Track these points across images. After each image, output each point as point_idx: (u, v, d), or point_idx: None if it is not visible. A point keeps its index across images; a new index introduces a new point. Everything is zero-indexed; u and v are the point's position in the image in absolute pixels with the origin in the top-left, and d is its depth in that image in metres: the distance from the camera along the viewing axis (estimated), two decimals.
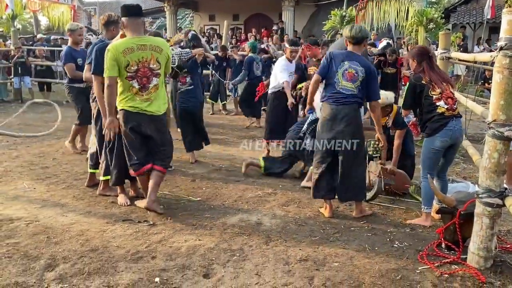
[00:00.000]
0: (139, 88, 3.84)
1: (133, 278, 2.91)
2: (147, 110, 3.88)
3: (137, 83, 3.83)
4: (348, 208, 4.36)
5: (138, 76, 3.81)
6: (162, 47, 3.89)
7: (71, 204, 4.31)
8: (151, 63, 3.83)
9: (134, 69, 3.78)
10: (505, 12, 2.82)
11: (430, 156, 3.82)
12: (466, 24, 18.75)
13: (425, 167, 3.89)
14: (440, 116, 3.72)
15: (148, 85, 3.86)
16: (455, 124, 3.73)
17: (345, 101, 3.96)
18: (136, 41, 3.78)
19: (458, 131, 3.77)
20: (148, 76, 3.84)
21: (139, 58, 3.78)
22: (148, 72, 3.83)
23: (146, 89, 3.86)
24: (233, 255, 3.28)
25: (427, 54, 3.86)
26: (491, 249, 3.10)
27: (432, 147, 3.78)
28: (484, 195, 3.03)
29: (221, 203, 4.45)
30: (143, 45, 3.80)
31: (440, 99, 3.73)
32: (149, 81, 3.85)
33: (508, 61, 2.83)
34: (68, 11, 14.67)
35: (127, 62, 3.74)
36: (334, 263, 3.20)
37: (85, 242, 3.44)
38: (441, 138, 3.72)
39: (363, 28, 4.11)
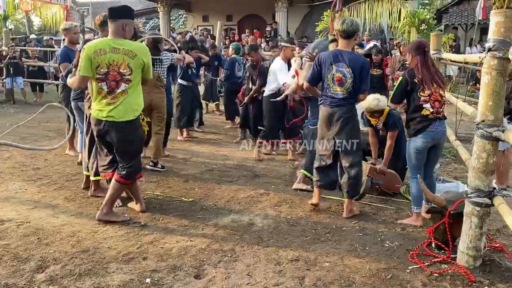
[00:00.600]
0: (107, 92, 3.69)
1: (124, 279, 2.91)
2: (108, 115, 3.69)
3: (106, 86, 3.68)
4: (340, 208, 4.38)
5: (108, 79, 3.67)
6: (137, 53, 3.69)
7: (62, 205, 4.29)
8: (121, 68, 3.66)
9: (103, 71, 3.65)
10: (493, 13, 2.85)
11: (414, 156, 3.86)
12: (458, 25, 18.85)
13: (412, 167, 3.93)
14: (423, 118, 3.75)
15: (116, 90, 3.68)
16: (438, 125, 3.76)
17: (338, 103, 4.04)
18: (110, 43, 3.66)
19: (440, 133, 3.79)
20: (117, 80, 3.67)
21: (110, 61, 3.64)
22: (117, 77, 3.67)
23: (113, 93, 3.69)
24: (224, 256, 3.28)
25: (423, 49, 3.81)
26: (480, 248, 3.13)
27: (414, 147, 3.82)
28: (473, 194, 3.06)
29: (213, 203, 4.45)
30: (116, 48, 3.65)
31: (427, 101, 3.74)
32: (117, 86, 3.68)
33: (496, 62, 2.86)
34: (61, 11, 14.63)
35: (97, 64, 3.63)
36: (325, 263, 3.21)
37: (76, 243, 3.43)
38: (423, 139, 3.76)
39: (355, 22, 4.06)
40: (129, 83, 3.71)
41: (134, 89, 3.76)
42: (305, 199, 4.58)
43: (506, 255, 3.36)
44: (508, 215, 2.73)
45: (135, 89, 3.77)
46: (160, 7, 20.12)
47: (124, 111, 3.71)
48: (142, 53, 3.74)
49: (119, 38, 3.69)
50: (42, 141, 7.23)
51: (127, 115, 3.73)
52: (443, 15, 20.02)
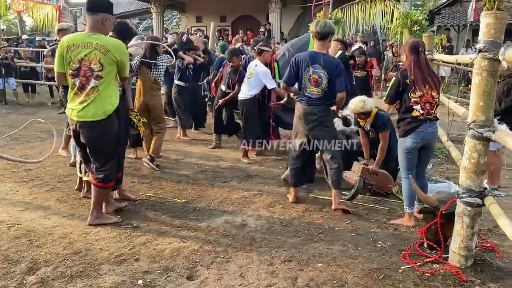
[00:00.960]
0: (78, 88, 3.59)
1: (116, 280, 2.90)
2: (79, 115, 3.59)
3: (78, 82, 3.57)
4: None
5: (80, 75, 3.56)
6: (110, 48, 3.55)
7: (54, 206, 4.27)
8: (92, 63, 3.52)
9: (75, 67, 3.54)
10: (483, 15, 2.86)
11: (404, 156, 3.89)
12: (450, 26, 18.97)
13: (403, 168, 3.95)
14: (413, 119, 3.76)
15: (86, 86, 3.56)
16: (428, 126, 3.77)
17: (314, 103, 4.27)
18: (83, 38, 3.55)
19: (430, 133, 3.80)
20: (87, 76, 3.55)
21: (82, 56, 3.52)
22: (88, 72, 3.54)
23: (84, 90, 3.57)
24: (217, 257, 3.28)
25: (417, 49, 3.79)
26: (471, 248, 3.15)
27: (404, 147, 3.84)
28: (464, 195, 3.07)
29: (206, 204, 4.45)
30: (89, 43, 3.52)
31: (418, 103, 3.75)
32: (87, 82, 3.55)
33: (487, 63, 2.87)
34: (54, 12, 14.49)
35: (70, 59, 3.54)
36: (318, 263, 3.22)
37: (68, 245, 3.41)
38: (412, 139, 3.79)
39: (329, 24, 4.22)
40: (100, 80, 3.56)
41: (106, 87, 3.61)
42: (298, 200, 4.59)
43: (497, 255, 3.39)
44: (498, 215, 2.75)
45: (107, 87, 3.61)
46: (154, 8, 20.07)
47: (95, 110, 3.58)
48: (116, 50, 3.59)
49: (95, 33, 3.58)
50: (34, 141, 7.19)
51: (98, 114, 3.58)
52: (435, 16, 20.13)
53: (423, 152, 3.91)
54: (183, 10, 22.73)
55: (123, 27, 4.42)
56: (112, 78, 3.66)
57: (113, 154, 3.85)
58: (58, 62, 3.63)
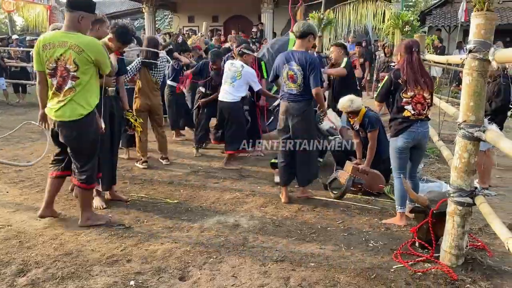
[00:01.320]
0: (56, 88, 3.52)
1: (108, 282, 2.88)
2: (56, 114, 3.54)
3: (56, 82, 3.51)
4: (325, 208, 4.40)
5: (57, 75, 3.49)
6: (84, 48, 3.44)
7: None
8: (67, 63, 3.44)
9: (52, 67, 3.48)
10: (473, 15, 2.89)
11: (396, 156, 3.91)
12: (442, 27, 19.10)
13: (395, 167, 3.97)
14: (405, 119, 3.79)
15: (63, 86, 3.49)
16: (419, 126, 3.80)
17: (294, 99, 4.48)
18: (59, 37, 3.46)
19: (421, 133, 3.83)
20: (64, 76, 3.48)
21: (58, 56, 3.44)
22: (64, 72, 3.47)
23: (61, 90, 3.51)
24: (209, 257, 3.27)
25: (411, 49, 3.78)
26: (462, 247, 3.17)
27: (395, 147, 3.87)
28: (455, 194, 3.09)
29: (198, 205, 4.43)
30: (64, 42, 3.43)
31: (409, 103, 3.77)
32: (64, 82, 3.48)
33: (477, 64, 2.89)
34: (44, 11, 14.40)
35: (46, 58, 3.48)
36: (310, 263, 3.22)
37: (59, 246, 3.39)
38: (403, 139, 3.82)
39: (308, 25, 4.51)
40: (76, 80, 3.48)
41: (84, 87, 3.53)
42: (291, 200, 4.60)
43: (487, 254, 3.41)
44: (489, 214, 2.77)
45: (84, 87, 3.53)
46: (145, 8, 19.97)
47: (71, 110, 3.51)
48: (90, 49, 3.48)
49: (72, 31, 3.48)
50: (25, 142, 7.13)
51: (74, 114, 3.51)
52: (426, 17, 20.25)
53: (414, 152, 3.93)
54: (175, 10, 22.66)
55: (124, 31, 4.28)
56: (90, 77, 3.56)
57: (94, 155, 3.75)
58: (36, 61, 3.58)
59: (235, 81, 5.80)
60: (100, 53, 3.58)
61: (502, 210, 4.44)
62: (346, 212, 4.29)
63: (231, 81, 5.81)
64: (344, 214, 4.24)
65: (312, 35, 4.47)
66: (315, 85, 4.35)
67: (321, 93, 4.54)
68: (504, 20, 18.02)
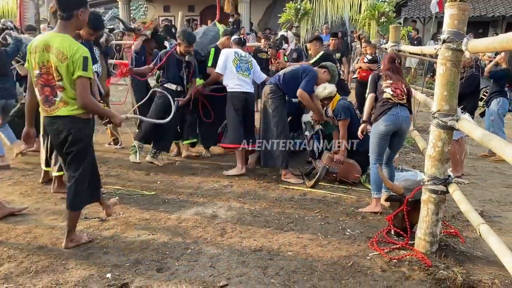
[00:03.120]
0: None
1: (84, 275, 2.84)
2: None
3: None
4: (303, 198, 4.43)
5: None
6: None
7: (18, 201, 4.13)
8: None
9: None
10: (447, 6, 2.93)
11: (376, 141, 4.00)
12: (417, 18, 19.34)
13: (373, 153, 4.06)
14: (385, 102, 3.94)
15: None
16: (399, 110, 3.92)
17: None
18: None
19: (402, 118, 3.92)
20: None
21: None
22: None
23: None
24: (187, 249, 3.25)
25: (393, 59, 4.18)
26: (436, 234, 3.24)
27: (377, 132, 3.96)
28: (429, 182, 3.15)
29: (176, 196, 4.40)
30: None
31: (389, 87, 3.98)
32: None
33: (451, 54, 2.94)
34: (14, 0, 13.97)
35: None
36: (288, 252, 3.24)
37: (33, 240, 3.31)
38: (384, 122, 3.91)
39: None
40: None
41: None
42: (269, 190, 4.62)
43: (460, 240, 3.50)
44: (461, 202, 2.83)
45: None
46: None
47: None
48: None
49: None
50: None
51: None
52: (402, 8, 20.46)
53: (394, 140, 4.03)
54: (150, 0, 22.30)
55: (96, 17, 4.12)
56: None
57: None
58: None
59: (250, 72, 5.45)
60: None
61: (474, 198, 4.57)
62: (323, 202, 4.33)
63: (248, 73, 5.40)
64: (321, 204, 4.28)
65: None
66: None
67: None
68: (477, 12, 18.38)
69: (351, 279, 2.89)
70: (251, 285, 2.78)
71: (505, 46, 2.25)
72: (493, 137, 2.43)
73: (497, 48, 2.37)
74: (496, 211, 4.26)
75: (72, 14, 2.98)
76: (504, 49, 3.14)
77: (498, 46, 2.30)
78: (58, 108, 3.00)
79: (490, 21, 19.33)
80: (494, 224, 3.87)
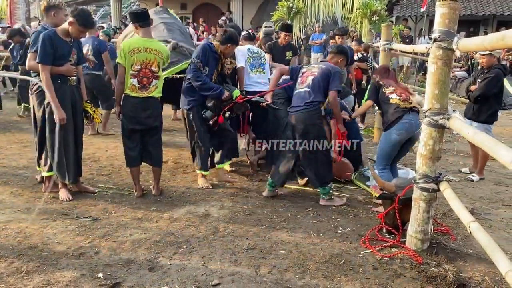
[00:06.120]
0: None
1: (75, 274, 2.82)
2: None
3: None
4: (295, 196, 4.44)
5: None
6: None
7: (8, 200, 4.10)
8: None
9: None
10: (438, 5, 2.94)
11: (387, 150, 4.08)
12: (408, 16, 19.43)
13: (382, 160, 4.13)
14: (396, 108, 3.99)
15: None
16: (411, 117, 3.97)
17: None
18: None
19: (415, 125, 3.97)
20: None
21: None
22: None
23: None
24: (179, 248, 3.25)
25: (387, 69, 4.41)
26: (427, 232, 3.26)
27: (389, 140, 4.01)
28: (420, 180, 3.17)
29: (168, 195, 4.39)
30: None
31: (393, 92, 4.09)
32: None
33: (441, 52, 2.95)
34: None
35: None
36: (280, 250, 3.25)
37: (24, 240, 3.29)
38: (396, 130, 3.95)
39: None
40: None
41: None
42: (261, 189, 4.61)
43: (451, 238, 3.53)
44: (452, 200, 2.85)
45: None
46: None
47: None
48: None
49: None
50: None
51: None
52: (394, 6, 20.54)
53: (405, 146, 4.12)
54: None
55: (85, 14, 4.03)
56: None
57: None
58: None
59: (264, 67, 5.24)
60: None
61: (465, 196, 4.60)
62: (315, 200, 4.34)
63: (262, 68, 5.19)
64: (314, 202, 4.29)
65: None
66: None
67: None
68: (468, 11, 18.49)
69: (343, 277, 2.90)
70: (243, 284, 2.78)
71: (495, 45, 2.27)
72: (483, 136, 2.45)
73: (487, 47, 2.38)
74: (487, 208, 4.30)
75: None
76: (494, 48, 3.16)
77: (488, 45, 2.32)
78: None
79: (481, 20, 19.48)
80: (485, 222, 3.91)
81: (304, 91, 4.20)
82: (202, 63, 4.38)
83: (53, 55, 3.84)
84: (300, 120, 4.14)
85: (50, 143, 4.04)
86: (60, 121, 3.90)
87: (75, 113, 4.15)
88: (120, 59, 4.08)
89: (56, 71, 3.91)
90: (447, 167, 5.66)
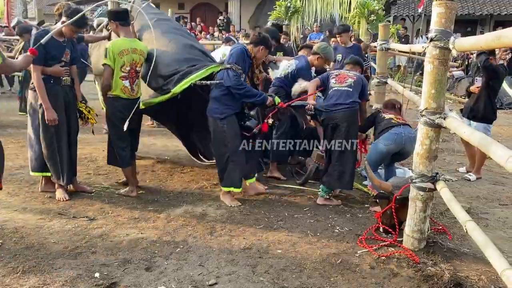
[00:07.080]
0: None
1: (71, 274, 2.82)
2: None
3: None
4: (292, 196, 4.44)
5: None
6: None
7: (4, 200, 4.08)
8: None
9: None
10: (435, 4, 2.94)
11: (373, 159, 4.14)
12: (406, 16, 19.45)
13: (372, 163, 4.14)
14: (387, 121, 4.05)
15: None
16: (402, 130, 4.01)
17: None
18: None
19: (405, 137, 4.00)
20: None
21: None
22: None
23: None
24: (176, 247, 3.24)
25: (393, 105, 4.51)
26: (424, 231, 3.27)
27: (375, 150, 4.06)
28: (417, 180, 3.17)
29: (165, 195, 4.38)
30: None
31: (390, 115, 4.26)
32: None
33: (438, 52, 2.96)
34: None
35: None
36: (277, 250, 3.25)
37: (20, 240, 3.28)
38: (384, 140, 3.99)
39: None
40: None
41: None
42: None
43: (448, 237, 3.54)
44: (449, 199, 2.86)
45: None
46: None
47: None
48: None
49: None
50: None
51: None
52: (391, 6, 20.55)
53: (396, 157, 4.21)
54: None
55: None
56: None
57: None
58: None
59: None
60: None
61: (462, 195, 4.61)
62: (312, 199, 4.34)
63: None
64: (311, 202, 4.29)
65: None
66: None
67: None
68: (465, 11, 18.52)
69: (340, 277, 2.90)
70: (240, 284, 2.78)
71: (491, 45, 2.27)
72: (480, 135, 2.45)
73: (483, 47, 2.39)
74: (484, 207, 4.31)
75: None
76: (490, 48, 3.17)
77: (484, 44, 2.32)
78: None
79: (478, 20, 19.51)
80: (481, 221, 3.92)
81: (347, 90, 4.17)
82: (243, 70, 4.08)
83: (44, 55, 3.83)
84: (345, 117, 4.08)
85: (45, 143, 4.03)
86: (50, 122, 3.89)
87: (68, 114, 4.13)
88: (108, 60, 4.00)
89: (45, 71, 3.89)
90: (444, 167, 5.67)
